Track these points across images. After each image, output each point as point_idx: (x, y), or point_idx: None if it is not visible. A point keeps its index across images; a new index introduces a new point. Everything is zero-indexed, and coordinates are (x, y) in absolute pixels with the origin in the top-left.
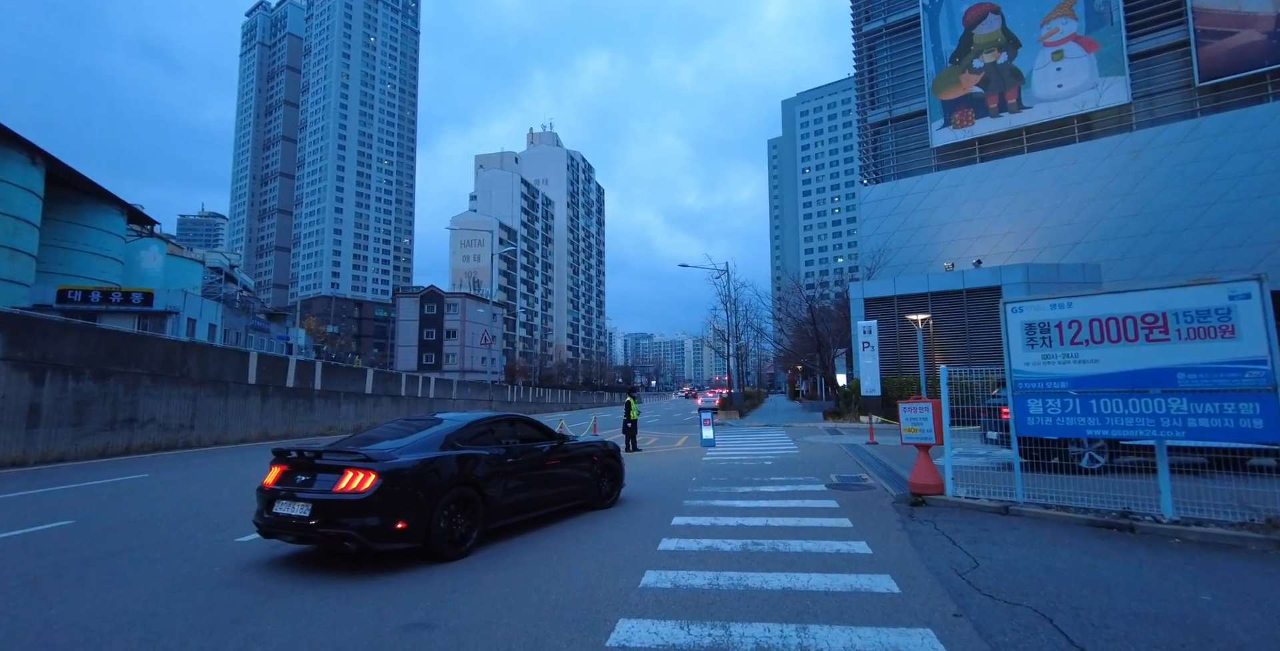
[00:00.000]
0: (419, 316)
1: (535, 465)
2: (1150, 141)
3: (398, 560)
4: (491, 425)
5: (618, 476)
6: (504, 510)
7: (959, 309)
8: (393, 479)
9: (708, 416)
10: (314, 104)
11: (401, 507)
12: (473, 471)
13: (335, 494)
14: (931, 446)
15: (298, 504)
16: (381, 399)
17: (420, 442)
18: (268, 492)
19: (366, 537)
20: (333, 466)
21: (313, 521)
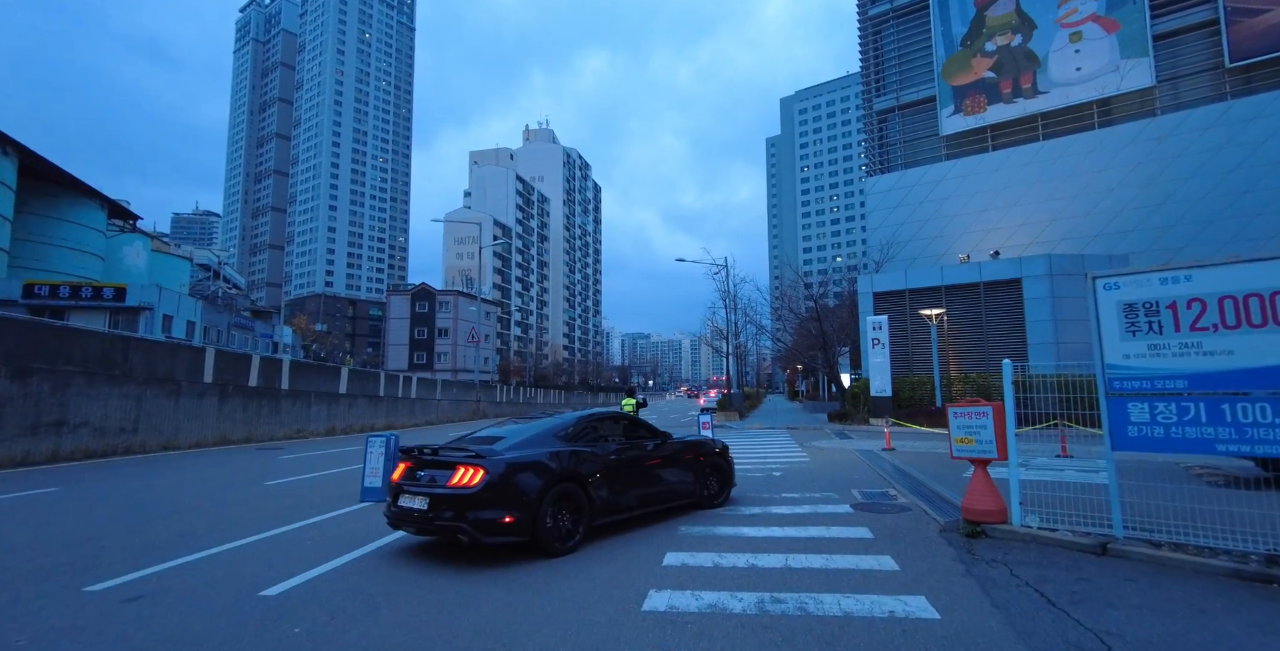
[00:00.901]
0: (410, 314)
1: (639, 462)
2: (1176, 127)
3: (507, 554)
4: (596, 423)
5: (727, 475)
6: (609, 507)
7: (975, 303)
8: (499, 474)
9: (706, 419)
10: (308, 101)
11: (508, 502)
12: (578, 468)
13: (448, 489)
14: (991, 462)
15: (417, 498)
16: (357, 399)
17: (527, 440)
18: (394, 487)
19: (477, 531)
20: (446, 462)
21: (430, 514)
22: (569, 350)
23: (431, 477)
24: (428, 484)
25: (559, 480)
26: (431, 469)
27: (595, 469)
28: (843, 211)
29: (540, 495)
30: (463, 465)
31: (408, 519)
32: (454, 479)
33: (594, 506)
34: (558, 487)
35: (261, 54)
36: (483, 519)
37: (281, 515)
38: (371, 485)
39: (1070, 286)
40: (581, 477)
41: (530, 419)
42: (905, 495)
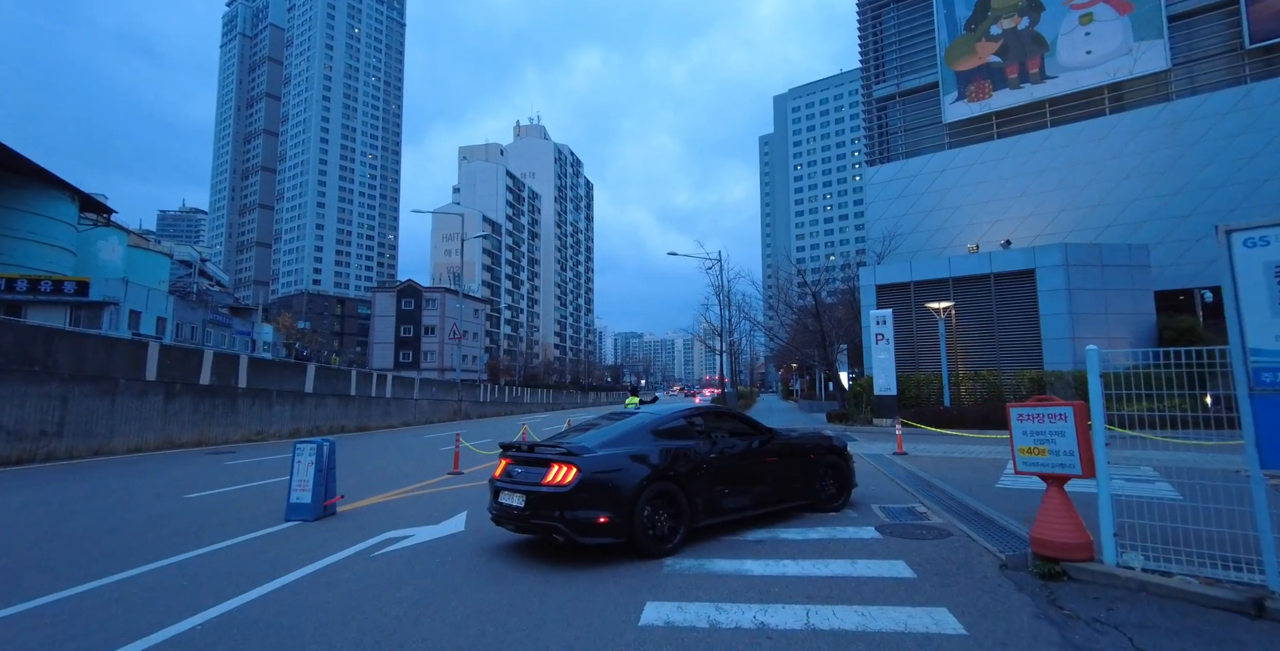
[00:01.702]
0: (395, 312)
1: (743, 461)
2: (1193, 112)
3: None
4: (694, 418)
5: (845, 477)
6: (711, 508)
7: (985, 296)
8: (592, 473)
9: None
10: (296, 96)
11: (602, 501)
12: (675, 467)
13: (543, 486)
14: (1070, 479)
15: (515, 495)
16: (326, 399)
17: (621, 436)
18: (495, 483)
19: (571, 530)
20: (541, 460)
21: (526, 512)
22: (560, 349)
23: (527, 475)
24: (523, 481)
25: (655, 479)
26: (527, 466)
27: (694, 467)
28: (836, 210)
29: (636, 495)
30: (556, 462)
31: (507, 516)
32: (548, 476)
33: (694, 507)
34: (654, 487)
35: (249, 49)
36: (577, 518)
37: (174, 541)
38: (299, 501)
39: (1087, 277)
40: (680, 477)
41: (626, 415)
42: (937, 513)
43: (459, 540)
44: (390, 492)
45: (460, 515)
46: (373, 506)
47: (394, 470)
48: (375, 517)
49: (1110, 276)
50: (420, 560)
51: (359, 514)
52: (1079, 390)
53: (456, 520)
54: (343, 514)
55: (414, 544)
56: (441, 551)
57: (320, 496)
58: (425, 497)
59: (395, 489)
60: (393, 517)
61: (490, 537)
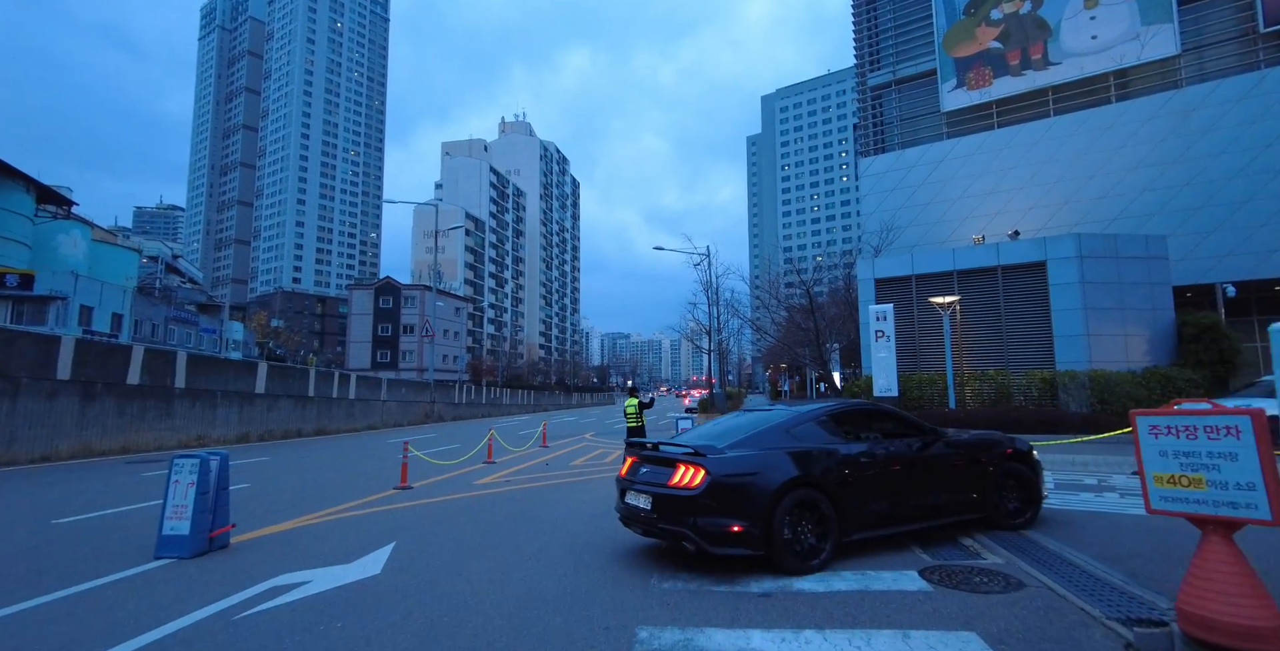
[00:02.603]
0: (373, 310)
1: (900, 466)
2: (1204, 99)
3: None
4: (838, 416)
5: (1031, 488)
6: (862, 519)
7: (992, 290)
8: (722, 476)
9: (686, 425)
10: (276, 91)
11: (734, 508)
12: (819, 471)
13: (669, 488)
14: (1245, 525)
15: (641, 496)
16: (280, 400)
17: (755, 436)
18: (621, 482)
19: (702, 538)
20: (667, 459)
21: (653, 515)
22: (545, 349)
23: (653, 475)
24: (649, 482)
25: (796, 485)
26: (653, 465)
27: (842, 473)
28: (823, 210)
29: (773, 502)
30: (683, 463)
31: (634, 518)
32: (674, 478)
33: (843, 518)
34: (795, 494)
35: (228, 42)
36: (708, 525)
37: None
38: (173, 533)
39: (1102, 270)
40: (825, 483)
41: (761, 411)
42: (989, 547)
43: (367, 590)
44: (314, 514)
45: (383, 550)
46: (280, 535)
47: (335, 483)
48: (274, 552)
49: (1126, 269)
50: (300, 626)
51: (256, 546)
52: (1096, 392)
53: (375, 557)
54: (237, 546)
55: (303, 597)
56: (337, 609)
57: (204, 526)
58: (353, 521)
59: (324, 508)
60: (296, 552)
61: (413, 582)
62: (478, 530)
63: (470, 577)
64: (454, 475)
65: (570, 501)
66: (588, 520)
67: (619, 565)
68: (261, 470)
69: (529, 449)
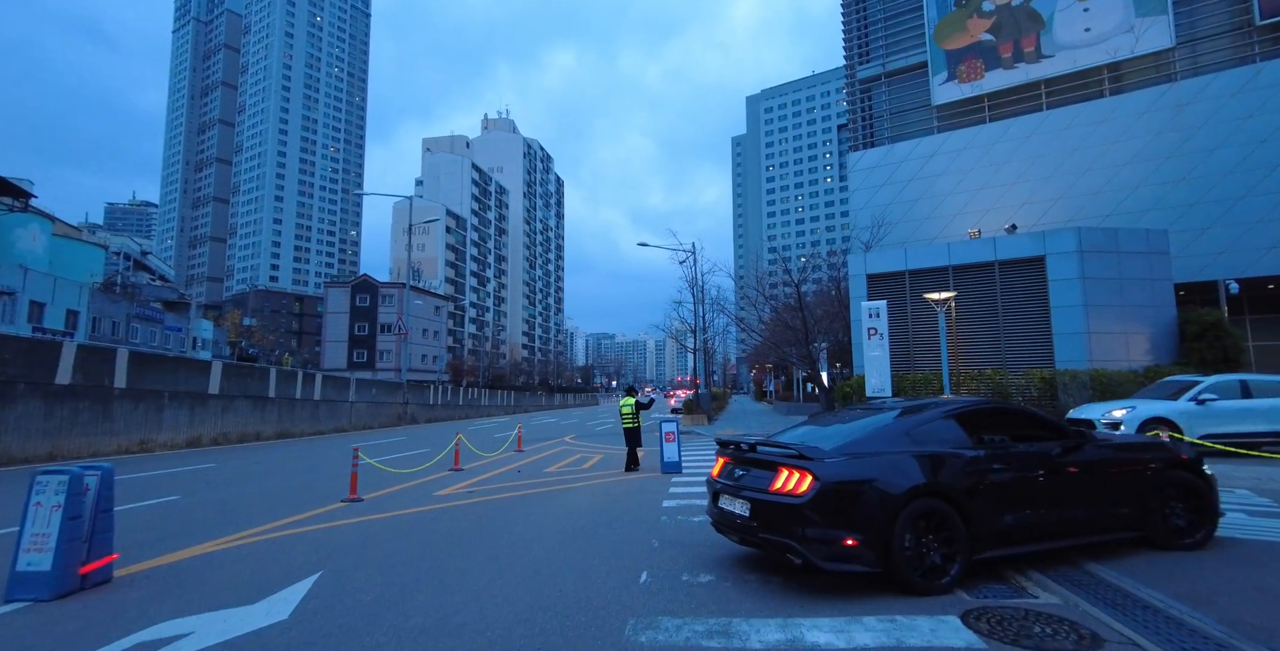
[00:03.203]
0: (350, 308)
1: (1041, 474)
2: (1198, 93)
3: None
4: (963, 416)
5: (1206, 501)
6: (996, 535)
7: (989, 286)
8: (833, 482)
9: (670, 428)
10: (254, 86)
11: (848, 519)
12: (945, 479)
13: (771, 494)
14: None
15: (738, 500)
16: (236, 401)
17: (868, 437)
18: (713, 484)
19: (810, 551)
20: (766, 461)
21: (753, 523)
22: (529, 349)
23: (751, 478)
24: (747, 485)
25: (919, 494)
26: (750, 467)
27: (972, 481)
28: (808, 211)
29: (893, 514)
30: (786, 467)
31: (730, 525)
32: (776, 483)
33: (975, 533)
34: (918, 505)
35: (203, 35)
36: (817, 537)
37: None
38: (32, 568)
39: (1103, 265)
40: (953, 493)
41: (872, 410)
42: (1040, 582)
43: (265, 644)
44: (237, 535)
45: (301, 584)
46: (184, 564)
47: (277, 494)
48: (164, 589)
49: (1127, 264)
50: None
51: (146, 581)
52: (1098, 393)
53: (288, 595)
54: (121, 581)
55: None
56: None
57: (74, 559)
58: (281, 544)
59: (253, 527)
60: (193, 589)
61: (324, 633)
62: (423, 554)
63: (396, 625)
64: (414, 485)
65: (538, 516)
66: (553, 540)
67: (586, 603)
68: (200, 479)
69: (502, 453)
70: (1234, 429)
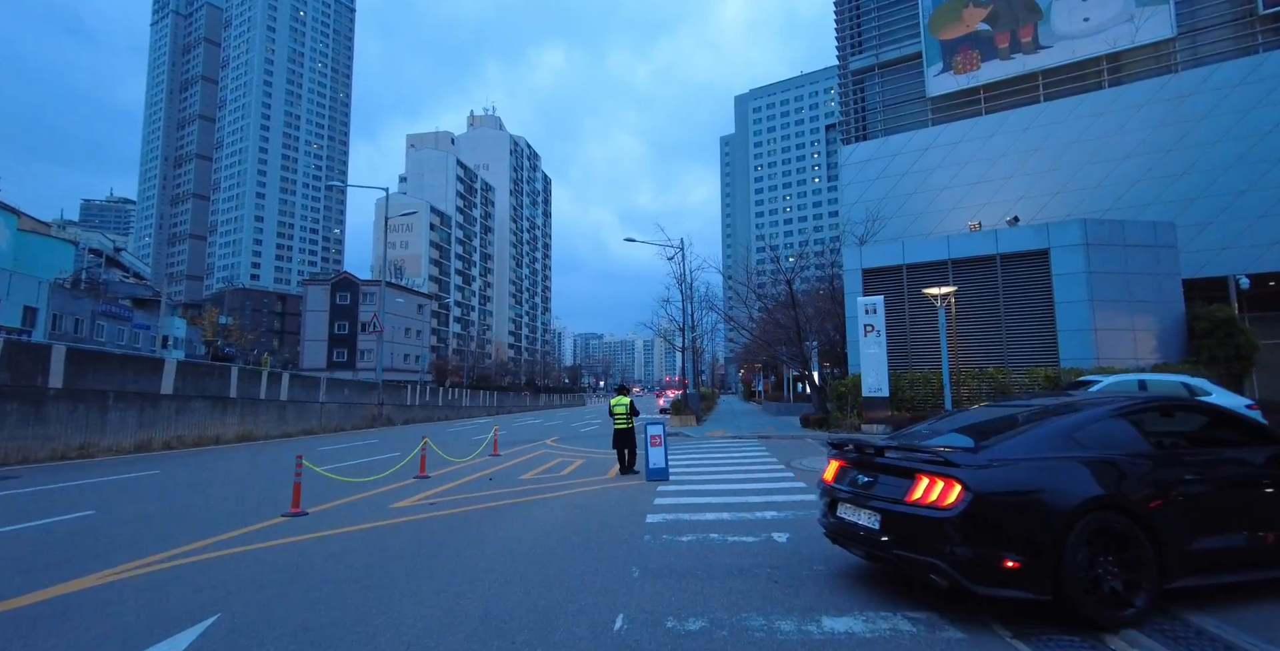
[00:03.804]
0: (329, 307)
1: (1244, 485)
2: (1200, 84)
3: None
4: (1139, 415)
5: None
6: (1191, 559)
7: (990, 281)
8: (987, 492)
9: (656, 431)
10: (234, 81)
11: (1007, 537)
12: (1127, 489)
13: (907, 506)
14: None
15: (864, 511)
16: (193, 402)
17: (1023, 440)
18: (829, 491)
19: (960, 573)
20: (898, 467)
21: (884, 538)
22: (515, 349)
23: (880, 486)
24: (875, 494)
25: (1095, 508)
26: (876, 472)
27: (1160, 492)
28: (795, 211)
29: (1063, 530)
30: (926, 474)
31: (852, 537)
32: (914, 492)
33: (1163, 555)
34: (1091, 519)
35: (183, 28)
36: (967, 557)
37: None
38: None
39: (1109, 259)
40: (1135, 506)
41: (1009, 407)
42: (1128, 636)
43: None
44: (133, 564)
45: (183, 636)
46: (36, 608)
47: (214, 506)
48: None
49: (1133, 258)
50: None
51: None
52: None
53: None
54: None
55: None
56: None
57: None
58: (180, 574)
59: (168, 549)
60: (32, 644)
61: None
62: (355, 588)
63: None
64: (372, 495)
65: (502, 535)
66: (516, 568)
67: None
68: (131, 490)
69: (475, 458)
70: None
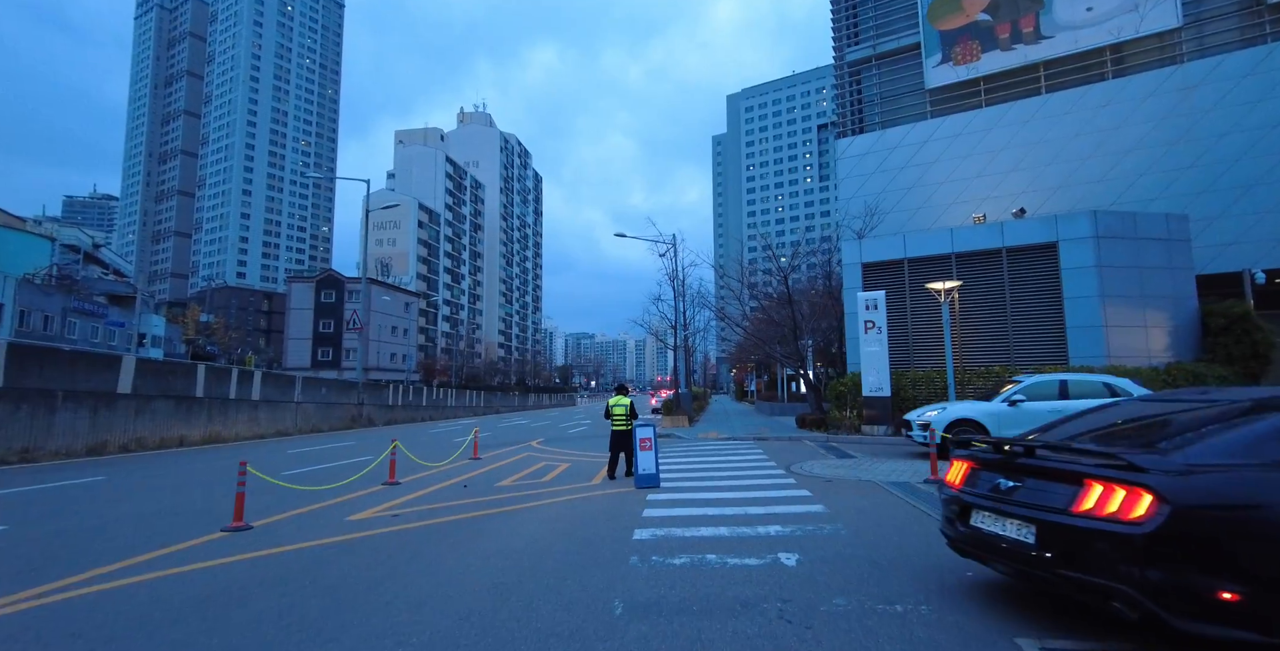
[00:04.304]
0: (314, 305)
1: None
2: (1207, 75)
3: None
4: None
5: None
6: None
7: (996, 275)
8: (1191, 505)
9: (646, 434)
10: (220, 76)
11: (1220, 561)
12: None
13: (1075, 517)
14: None
15: (1011, 521)
16: (154, 402)
17: (1231, 442)
18: (958, 496)
19: (1156, 603)
20: (1058, 470)
21: (1044, 554)
22: (505, 348)
23: (1029, 491)
24: (1025, 501)
25: None
26: (1025, 476)
27: None
28: (787, 211)
29: None
30: (1099, 479)
31: (993, 551)
32: (1083, 501)
33: None
34: None
35: (167, 22)
36: (1165, 584)
37: None
38: None
39: (1121, 252)
40: None
41: (1197, 403)
42: None
43: None
44: (31, 591)
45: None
46: None
47: (140, 521)
48: None
49: (1146, 252)
50: None
51: None
52: None
53: None
54: None
55: None
56: None
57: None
58: (61, 611)
59: (58, 579)
60: None
61: None
62: (263, 637)
63: None
64: (332, 504)
65: (467, 554)
66: (475, 600)
67: None
68: (64, 499)
69: (453, 462)
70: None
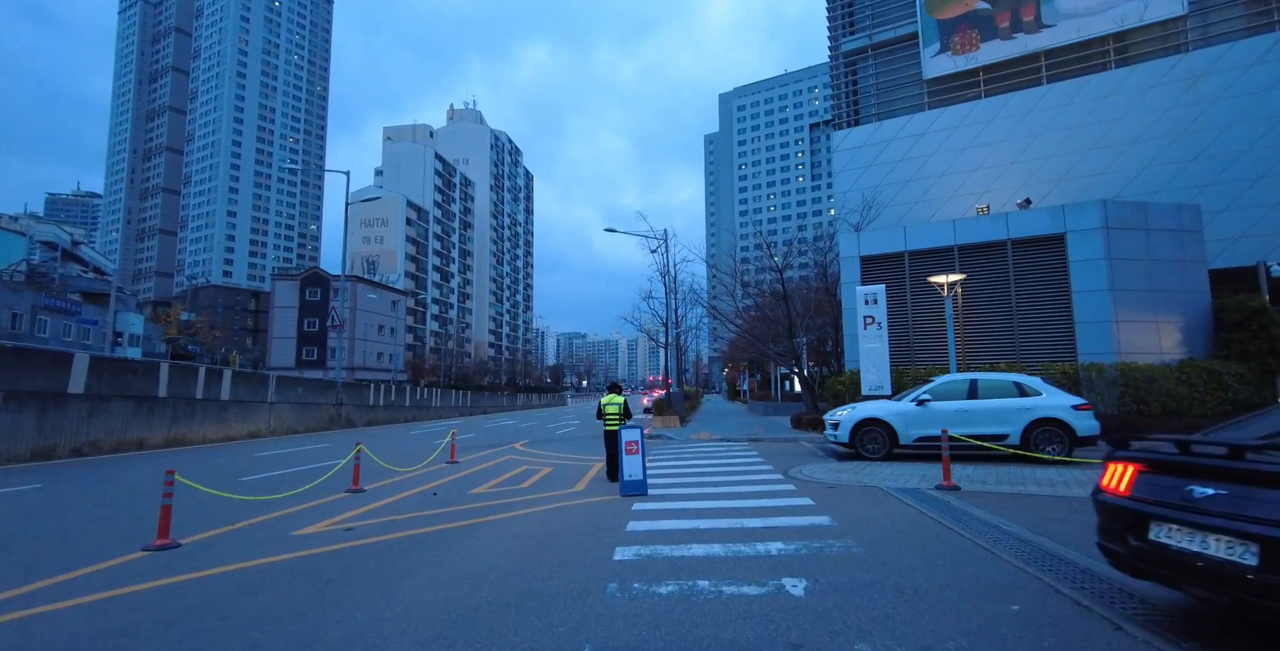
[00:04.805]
0: (299, 303)
1: None
2: (1213, 64)
3: None
4: None
5: None
6: None
7: (1001, 268)
8: None
9: (633, 436)
10: (206, 72)
11: None
12: None
13: None
14: None
15: (1216, 537)
16: (110, 402)
17: None
18: (1127, 505)
19: None
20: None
21: (1270, 580)
22: (495, 348)
23: (1239, 499)
24: (1238, 513)
25: None
26: (1233, 483)
27: None
28: (779, 210)
29: None
30: None
31: (1187, 572)
32: None
33: None
34: None
35: (152, 17)
36: None
37: None
38: None
39: (1131, 244)
40: None
41: None
42: None
43: None
44: None
45: None
46: None
47: (55, 537)
48: None
49: (1157, 243)
50: None
51: None
52: (1130, 390)
53: None
54: None
55: None
56: None
57: None
58: None
59: None
60: None
61: None
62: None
63: None
64: (282, 515)
65: (420, 580)
66: (415, 645)
67: None
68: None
69: (427, 467)
70: (946, 431)
